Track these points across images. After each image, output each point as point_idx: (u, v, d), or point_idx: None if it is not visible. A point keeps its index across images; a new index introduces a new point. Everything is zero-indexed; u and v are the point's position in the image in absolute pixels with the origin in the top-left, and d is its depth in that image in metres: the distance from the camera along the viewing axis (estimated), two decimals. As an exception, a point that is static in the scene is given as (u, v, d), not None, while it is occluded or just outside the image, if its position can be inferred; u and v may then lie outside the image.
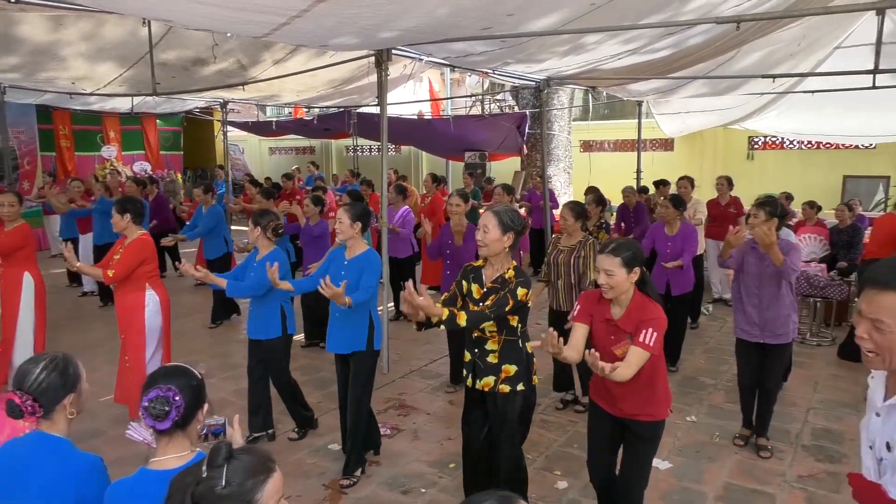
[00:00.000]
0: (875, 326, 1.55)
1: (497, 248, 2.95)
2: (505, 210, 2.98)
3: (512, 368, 3.02)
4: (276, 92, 10.04)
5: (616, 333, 2.78)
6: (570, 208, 4.79)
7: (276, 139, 19.42)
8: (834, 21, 6.59)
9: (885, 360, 1.58)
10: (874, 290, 1.56)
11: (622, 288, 2.72)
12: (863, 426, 1.78)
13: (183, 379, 1.84)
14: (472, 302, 3.07)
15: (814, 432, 4.55)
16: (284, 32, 3.83)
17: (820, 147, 12.74)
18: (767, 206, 4.05)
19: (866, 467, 1.72)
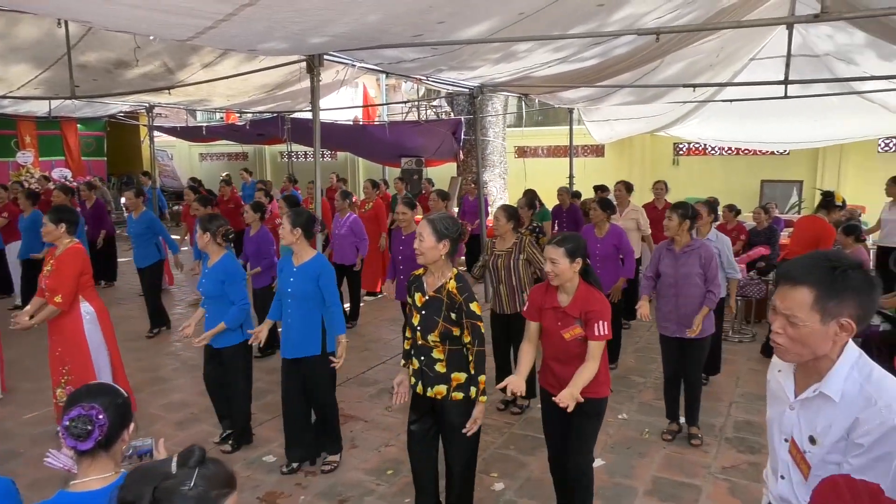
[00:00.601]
0: (789, 321, 1.61)
1: (433, 255, 2.96)
2: (439, 218, 3.00)
3: (461, 376, 3.03)
4: (205, 96, 9.75)
5: (563, 319, 3.05)
6: (503, 210, 4.85)
7: (206, 145, 18.86)
8: (748, 35, 6.97)
9: (796, 353, 1.64)
10: (787, 286, 1.62)
11: (566, 276, 3.01)
12: (772, 420, 1.82)
13: (107, 397, 1.76)
14: (415, 310, 3.07)
15: (736, 425, 4.77)
16: (211, 36, 3.73)
17: (739, 153, 13.42)
18: (680, 209, 4.39)
19: (782, 460, 1.75)
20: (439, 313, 2.97)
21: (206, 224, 4.14)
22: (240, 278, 4.17)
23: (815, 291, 1.56)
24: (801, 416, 1.69)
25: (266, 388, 5.54)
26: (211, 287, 4.12)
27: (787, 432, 1.73)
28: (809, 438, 1.65)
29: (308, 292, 3.77)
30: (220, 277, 4.09)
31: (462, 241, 3.12)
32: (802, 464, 1.67)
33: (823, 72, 7.84)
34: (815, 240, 6.25)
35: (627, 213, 7.18)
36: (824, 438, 1.62)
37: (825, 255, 1.63)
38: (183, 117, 14.75)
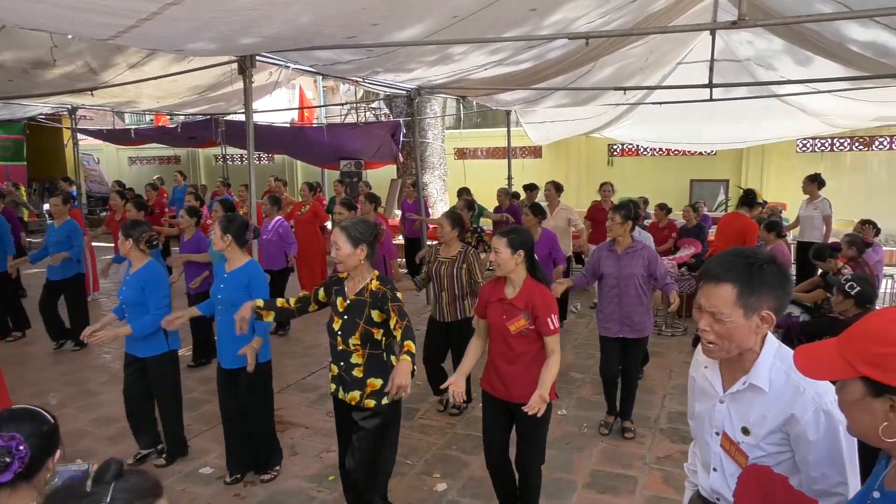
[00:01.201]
0: (715, 318, 1.65)
1: (353, 262, 2.95)
2: (353, 224, 2.98)
3: (377, 382, 2.99)
4: (133, 98, 9.37)
5: (509, 311, 3.07)
6: (448, 218, 4.80)
7: (136, 148, 18.17)
8: (675, 40, 7.24)
9: (724, 349, 1.68)
10: (710, 284, 1.66)
11: (508, 266, 3.04)
12: (701, 415, 1.86)
13: (30, 425, 1.65)
14: (336, 315, 3.05)
15: (669, 416, 4.94)
16: (134, 35, 3.60)
17: (670, 154, 13.94)
18: (622, 209, 4.42)
19: (714, 453, 1.80)
20: (361, 315, 2.95)
21: (128, 230, 3.97)
22: (162, 287, 4.00)
23: (737, 287, 1.62)
24: (732, 409, 1.73)
25: (202, 398, 5.38)
26: (131, 294, 3.96)
27: (719, 426, 1.77)
28: (742, 429, 1.70)
29: (238, 300, 3.62)
30: (141, 285, 3.93)
31: (379, 242, 3.10)
32: (738, 455, 1.72)
33: (745, 76, 8.23)
34: (739, 235, 6.55)
35: (558, 213, 7.35)
36: (758, 428, 1.67)
37: (742, 251, 1.69)
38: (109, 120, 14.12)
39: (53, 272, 6.56)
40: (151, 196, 9.27)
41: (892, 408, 1.14)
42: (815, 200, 8.01)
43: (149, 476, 1.35)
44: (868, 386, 1.16)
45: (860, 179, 12.39)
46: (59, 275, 6.55)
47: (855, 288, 3.92)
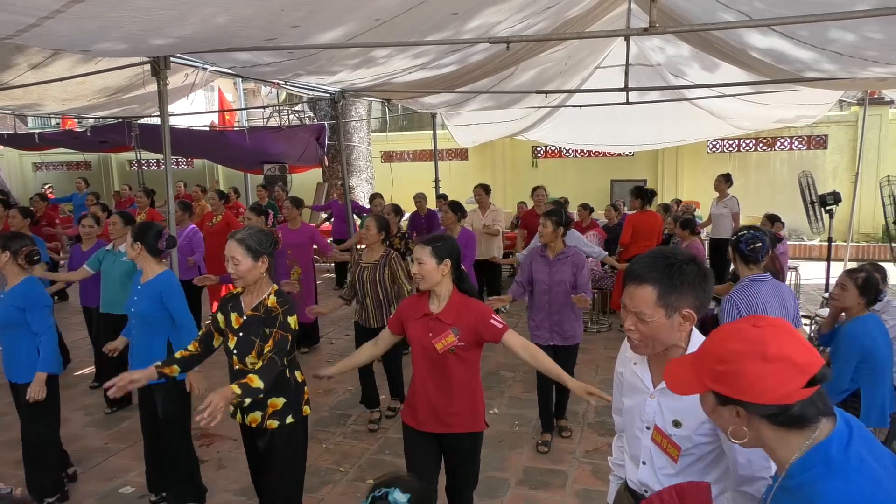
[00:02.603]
0: (639, 318, 1.71)
1: (253, 276, 2.76)
2: (250, 234, 2.76)
3: (279, 401, 2.81)
4: (36, 100, 8.81)
5: (435, 327, 2.73)
6: (374, 221, 4.71)
7: (41, 153, 17.10)
8: (592, 45, 7.49)
9: (650, 347, 1.75)
10: (633, 285, 1.72)
11: (433, 278, 2.72)
12: (631, 410, 1.90)
13: None
14: (231, 332, 2.84)
15: (596, 410, 5.09)
16: (34, 35, 3.38)
17: (591, 155, 14.39)
18: (554, 215, 4.35)
19: (644, 447, 1.84)
20: (257, 333, 2.75)
21: (6, 242, 3.61)
22: (43, 304, 3.63)
23: (657, 288, 1.68)
24: (663, 403, 1.78)
25: (122, 414, 5.12)
26: (5, 314, 3.57)
27: (649, 420, 1.82)
28: (674, 422, 1.75)
29: (151, 313, 3.45)
30: (18, 303, 3.55)
31: (276, 250, 2.91)
32: (671, 447, 1.77)
33: (658, 80, 8.61)
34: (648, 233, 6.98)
35: (489, 215, 7.47)
36: (689, 420, 1.72)
37: (663, 252, 1.76)
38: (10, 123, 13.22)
39: None
40: (40, 207, 8.71)
41: (737, 414, 1.29)
42: (724, 199, 8.47)
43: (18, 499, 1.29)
44: (716, 397, 1.31)
45: (764, 178, 13.20)
46: None
47: None
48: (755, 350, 1.23)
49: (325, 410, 5.15)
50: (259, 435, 2.89)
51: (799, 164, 12.67)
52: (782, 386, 1.20)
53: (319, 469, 4.17)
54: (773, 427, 1.25)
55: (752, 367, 1.22)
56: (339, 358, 6.50)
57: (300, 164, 12.30)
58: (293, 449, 2.90)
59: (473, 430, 2.86)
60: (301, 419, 2.90)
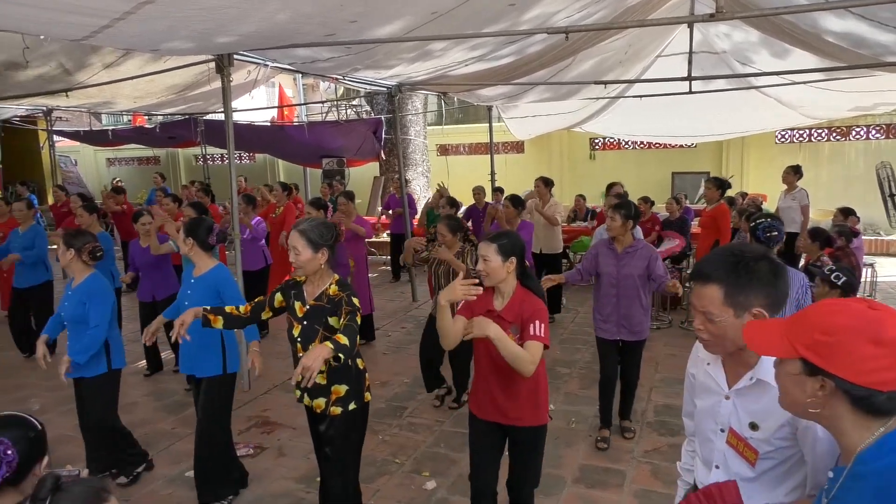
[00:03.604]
0: (707, 318, 1.66)
1: (312, 267, 2.81)
2: (312, 226, 2.82)
3: (342, 388, 2.89)
4: (109, 98, 9.24)
5: (498, 325, 2.71)
6: (446, 226, 4.74)
7: (114, 149, 17.92)
8: (653, 33, 7.27)
9: (721, 346, 1.70)
10: (699, 284, 1.67)
11: (498, 275, 2.75)
12: (704, 412, 1.84)
13: (18, 430, 1.64)
14: (295, 320, 2.91)
15: (656, 409, 4.97)
16: (108, 35, 3.53)
17: (651, 147, 14.01)
18: (623, 208, 4.22)
19: (718, 450, 1.79)
20: (320, 322, 2.81)
21: (69, 240, 3.70)
22: (104, 299, 3.71)
23: (724, 287, 1.63)
24: (739, 405, 1.72)
25: (185, 400, 5.31)
26: (73, 310, 3.68)
27: (724, 422, 1.76)
28: (751, 425, 1.69)
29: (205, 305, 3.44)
30: (84, 299, 3.66)
31: (339, 244, 2.94)
32: (747, 450, 1.71)
33: (723, 68, 8.29)
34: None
35: (549, 208, 7.40)
36: (767, 423, 1.66)
37: (730, 249, 1.70)
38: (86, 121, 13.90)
39: (20, 279, 6.34)
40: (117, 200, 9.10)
41: (821, 387, 1.26)
42: (792, 191, 8.10)
43: (91, 482, 1.34)
44: (805, 366, 1.27)
45: (837, 169, 12.56)
46: (26, 282, 6.33)
47: (841, 278, 3.95)
48: (870, 330, 1.20)
49: (382, 402, 5.21)
50: (321, 420, 2.98)
51: (876, 155, 12.00)
52: (885, 371, 1.18)
53: (376, 460, 4.22)
54: (854, 410, 1.23)
55: (860, 346, 1.20)
56: (395, 349, 6.59)
57: (357, 158, 12.47)
58: (354, 434, 2.98)
59: (535, 423, 2.88)
60: (362, 405, 2.98)
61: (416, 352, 5.19)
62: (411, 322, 7.63)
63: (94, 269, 3.81)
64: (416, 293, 8.77)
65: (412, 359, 6.28)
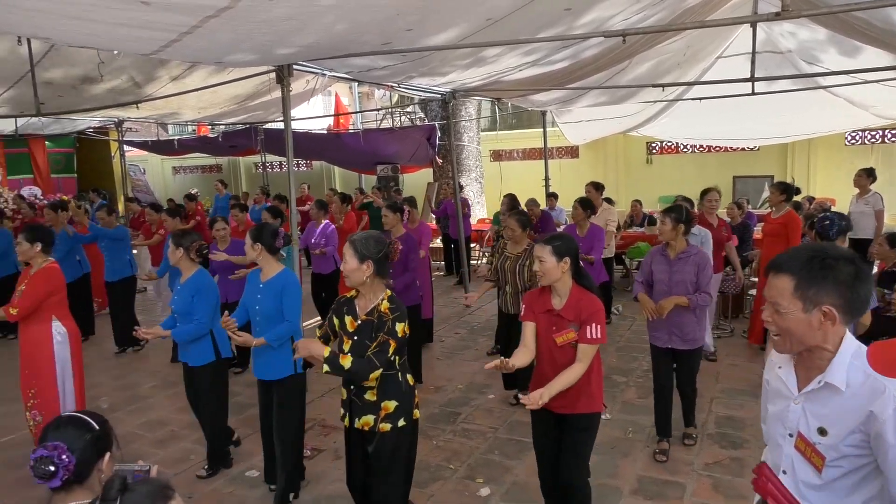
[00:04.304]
0: (775, 310, 1.65)
1: (357, 277, 2.82)
2: (362, 238, 2.85)
3: (391, 405, 2.86)
4: (175, 109, 9.66)
5: (558, 322, 2.95)
6: (516, 220, 4.96)
7: (179, 158, 18.66)
8: (714, 34, 7.08)
9: (788, 343, 1.67)
10: (772, 274, 1.67)
11: (553, 275, 2.92)
12: (774, 417, 1.81)
13: (74, 432, 1.71)
14: (346, 335, 2.91)
15: (717, 421, 4.81)
16: (176, 49, 3.69)
17: (711, 150, 13.61)
18: (673, 212, 4.15)
19: (786, 455, 1.75)
20: (370, 337, 2.81)
21: (178, 239, 4.00)
22: (209, 295, 4.00)
23: (795, 279, 1.61)
24: (808, 409, 1.68)
25: (248, 401, 5.46)
26: (182, 303, 3.98)
27: (793, 427, 1.72)
28: (819, 430, 1.65)
29: (275, 310, 3.62)
30: (192, 293, 3.96)
31: (390, 260, 2.94)
32: (815, 456, 1.67)
33: (789, 68, 7.99)
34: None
35: (601, 213, 7.30)
36: (835, 428, 1.62)
37: (812, 245, 1.72)
38: (154, 131, 14.55)
39: (110, 273, 6.95)
40: (190, 207, 9.50)
41: None
42: (865, 195, 7.71)
43: (156, 481, 1.39)
44: None
45: (914, 172, 11.90)
46: (114, 276, 6.94)
47: None
48: None
49: (436, 407, 5.22)
50: (369, 438, 2.93)
51: (956, 156, 11.33)
52: None
53: (430, 465, 4.24)
54: None
55: None
56: (448, 354, 6.61)
57: (412, 164, 12.61)
58: (404, 451, 2.97)
59: (590, 410, 3.04)
60: (412, 422, 2.96)
61: (470, 357, 5.21)
62: (465, 328, 7.64)
63: (199, 266, 4.09)
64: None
65: (466, 364, 6.29)
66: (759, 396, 1.99)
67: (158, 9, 2.94)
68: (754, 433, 4.52)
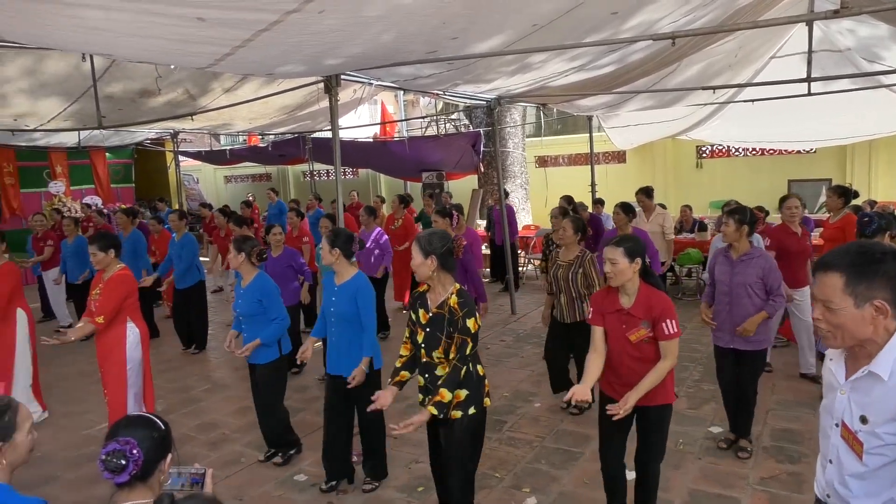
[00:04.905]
0: (826, 307, 1.67)
1: (424, 272, 3.00)
2: (426, 235, 3.03)
3: (462, 393, 3.01)
4: (227, 120, 9.95)
5: (628, 321, 3.06)
6: (571, 223, 4.93)
7: (230, 167, 19.19)
8: (767, 33, 6.88)
9: (840, 339, 1.69)
10: (820, 273, 1.69)
11: (626, 276, 3.03)
12: (824, 409, 1.87)
13: (144, 430, 1.79)
14: (419, 327, 3.09)
15: (773, 433, 4.64)
16: (229, 63, 3.82)
17: (764, 153, 13.20)
18: (737, 213, 4.14)
19: (833, 445, 1.80)
20: (442, 330, 2.99)
21: (240, 245, 4.22)
22: (276, 294, 4.24)
23: (845, 276, 1.63)
24: (852, 398, 1.73)
25: (297, 406, 5.55)
26: (247, 306, 4.19)
27: (838, 416, 1.77)
28: (861, 418, 1.69)
29: (349, 311, 3.79)
30: (257, 296, 4.16)
31: (455, 256, 3.10)
32: (855, 444, 1.71)
33: (848, 66, 7.69)
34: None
35: (654, 218, 7.19)
36: (876, 416, 1.65)
37: (859, 242, 1.72)
38: (207, 142, 15.03)
39: (180, 281, 7.22)
40: (246, 213, 9.79)
41: None
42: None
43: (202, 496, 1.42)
44: None
45: None
46: (184, 283, 7.19)
47: None
48: None
49: (481, 414, 5.21)
50: (441, 424, 3.09)
51: None
52: None
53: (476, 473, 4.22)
54: None
55: None
56: (494, 362, 6.57)
57: (457, 171, 12.64)
58: (474, 438, 3.11)
59: (663, 401, 3.13)
60: (482, 410, 3.10)
61: (516, 365, 5.17)
62: (510, 335, 7.60)
63: (259, 270, 4.30)
64: (514, 306, 8.74)
65: (511, 372, 6.25)
66: (817, 409, 2.00)
67: (213, 24, 3.04)
68: (813, 447, 4.35)
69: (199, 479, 1.94)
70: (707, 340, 6.13)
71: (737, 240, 4.16)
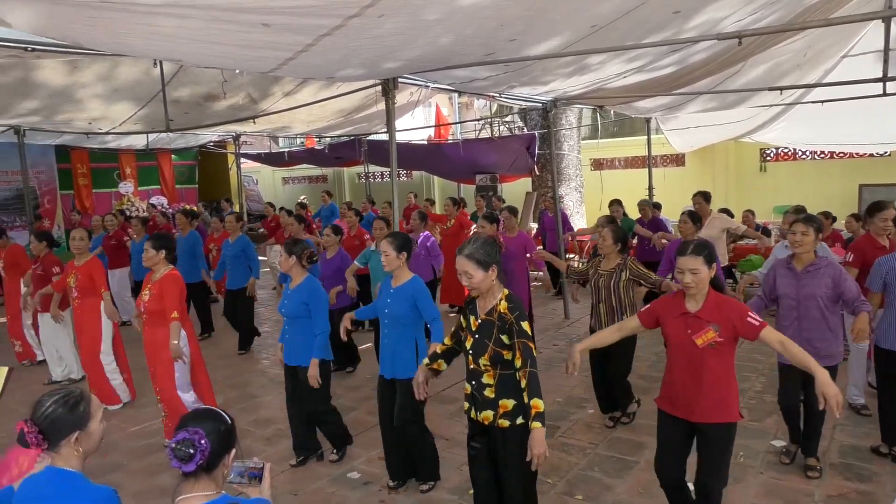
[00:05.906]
0: None
1: (487, 285, 2.92)
2: (476, 248, 2.91)
3: (509, 403, 2.94)
4: (287, 123, 10.20)
5: (694, 324, 2.95)
6: (611, 232, 4.82)
7: (288, 169, 19.67)
8: (839, 31, 6.58)
9: None
10: None
11: (706, 284, 2.96)
12: None
13: (211, 423, 1.86)
14: (469, 333, 3.04)
15: (841, 450, 4.44)
16: (291, 67, 3.91)
17: (834, 156, 12.63)
18: (814, 221, 3.93)
19: None
20: (490, 337, 2.92)
21: (291, 247, 4.30)
22: (324, 302, 4.28)
23: None
24: None
25: (350, 405, 5.63)
26: (293, 308, 4.24)
27: None
28: None
29: (403, 314, 3.83)
30: (304, 299, 4.21)
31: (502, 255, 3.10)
32: None
33: (926, 65, 7.29)
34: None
35: (711, 222, 6.99)
36: None
37: None
38: (266, 144, 15.47)
39: (232, 282, 7.39)
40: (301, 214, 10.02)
41: None
42: None
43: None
44: None
45: None
46: (236, 284, 7.36)
47: None
48: None
49: (533, 419, 5.16)
50: (491, 432, 3.05)
51: None
52: None
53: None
54: None
55: None
56: (546, 366, 6.51)
57: (510, 174, 12.58)
58: (523, 448, 2.98)
59: (727, 419, 2.98)
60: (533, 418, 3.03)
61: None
62: (563, 339, 7.51)
63: (308, 273, 4.37)
64: (568, 310, 8.63)
65: (564, 377, 6.14)
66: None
67: (278, 30, 3.12)
68: (884, 465, 4.14)
69: (257, 472, 1.99)
70: (767, 350, 5.91)
71: (811, 250, 3.93)
